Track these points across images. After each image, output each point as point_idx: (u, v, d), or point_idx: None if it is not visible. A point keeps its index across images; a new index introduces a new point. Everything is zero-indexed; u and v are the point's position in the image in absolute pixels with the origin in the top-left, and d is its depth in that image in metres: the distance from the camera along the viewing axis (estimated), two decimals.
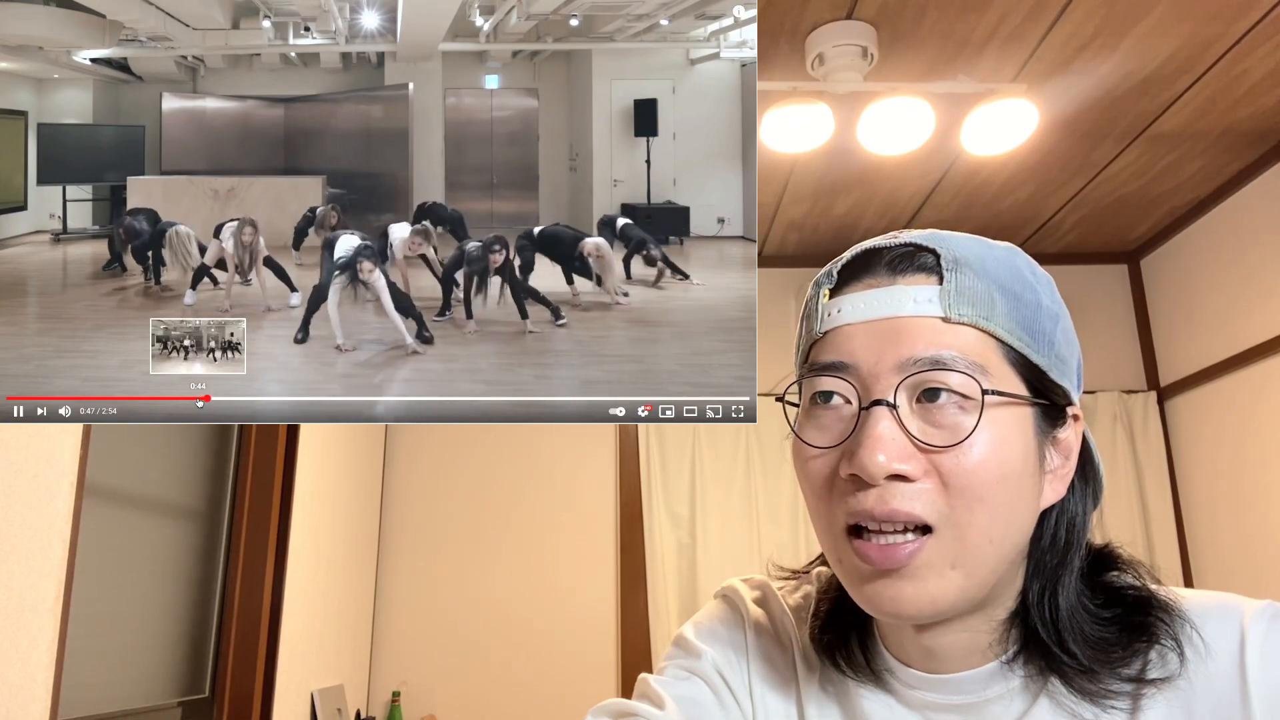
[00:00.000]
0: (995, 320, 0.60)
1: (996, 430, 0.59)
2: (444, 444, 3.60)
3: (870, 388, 0.60)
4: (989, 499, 0.58)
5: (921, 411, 0.59)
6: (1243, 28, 2.35)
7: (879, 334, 0.61)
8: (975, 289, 0.61)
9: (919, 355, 0.59)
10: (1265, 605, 0.61)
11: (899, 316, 0.61)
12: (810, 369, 0.64)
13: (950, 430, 0.58)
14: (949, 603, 0.59)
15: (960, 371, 0.58)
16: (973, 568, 0.59)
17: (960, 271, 0.61)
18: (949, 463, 0.58)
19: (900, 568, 0.58)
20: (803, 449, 0.63)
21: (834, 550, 0.62)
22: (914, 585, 0.58)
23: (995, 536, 0.59)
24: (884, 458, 0.57)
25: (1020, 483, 0.60)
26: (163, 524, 2.19)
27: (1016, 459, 0.59)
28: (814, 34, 2.36)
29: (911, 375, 0.59)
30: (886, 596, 0.59)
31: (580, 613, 3.44)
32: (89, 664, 1.83)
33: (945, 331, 0.60)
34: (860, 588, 0.60)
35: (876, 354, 0.60)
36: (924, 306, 0.60)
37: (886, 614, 0.60)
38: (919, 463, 0.58)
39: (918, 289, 0.61)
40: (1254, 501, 3.07)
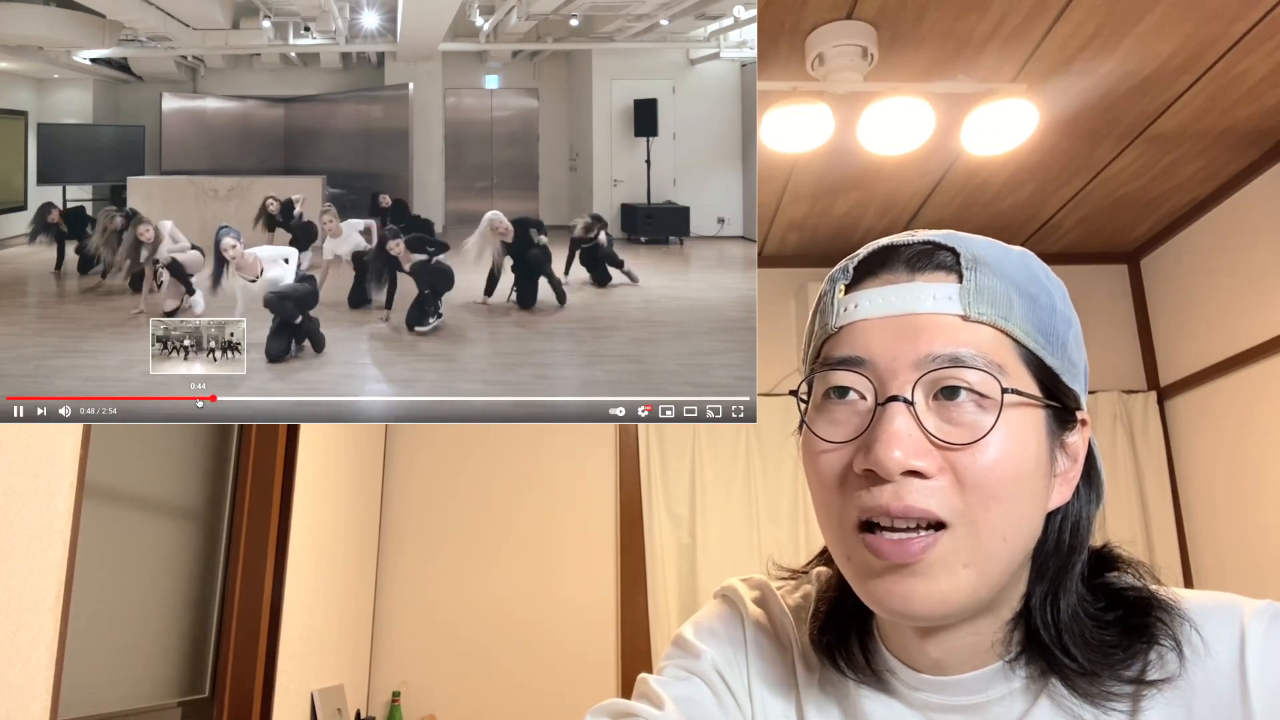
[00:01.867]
0: (1013, 320, 0.60)
1: (1012, 430, 0.58)
2: (444, 444, 3.60)
3: (887, 383, 0.59)
4: (1003, 497, 0.58)
5: (938, 409, 0.59)
6: (1243, 28, 2.35)
7: (897, 330, 0.60)
8: (994, 288, 0.61)
9: (938, 352, 0.59)
10: (1265, 605, 0.61)
11: (917, 313, 0.60)
12: (824, 364, 0.63)
13: (968, 428, 0.58)
14: (960, 602, 0.58)
15: (980, 369, 0.58)
16: (985, 566, 0.58)
17: (980, 270, 0.61)
18: (965, 460, 0.57)
19: (913, 563, 0.57)
20: (814, 443, 0.62)
21: (843, 546, 0.61)
22: (925, 583, 0.58)
23: (1008, 535, 0.58)
24: (900, 454, 0.57)
25: (1033, 483, 0.59)
26: (163, 524, 2.19)
27: (1030, 460, 0.59)
28: (814, 34, 2.36)
29: (930, 372, 0.59)
30: (897, 594, 0.58)
31: (580, 613, 3.44)
32: (89, 664, 1.82)
33: (964, 329, 0.60)
34: (870, 584, 0.60)
35: (894, 350, 0.60)
36: (943, 304, 0.60)
37: (896, 612, 0.59)
38: (934, 459, 0.58)
39: (937, 286, 0.61)
40: (1254, 501, 3.07)
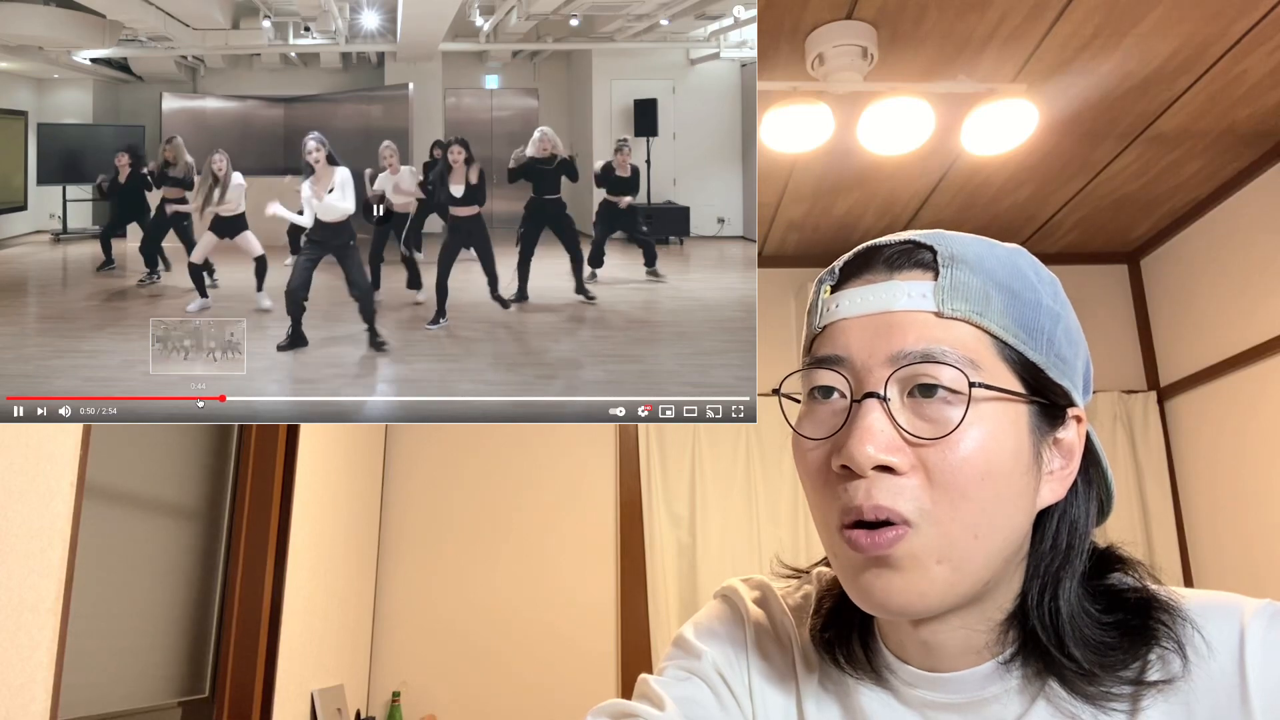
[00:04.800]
0: (989, 316, 0.61)
1: (986, 426, 0.59)
2: (444, 444, 3.60)
3: (863, 381, 0.60)
4: (972, 495, 0.58)
5: (913, 405, 0.59)
6: (1243, 28, 2.35)
7: (873, 328, 0.61)
8: (970, 285, 0.61)
9: (909, 349, 0.59)
10: (1265, 604, 0.61)
11: (892, 311, 0.61)
12: (808, 363, 0.65)
13: (939, 424, 0.58)
14: (937, 597, 0.59)
15: (950, 365, 0.59)
16: (959, 562, 0.59)
17: (956, 267, 0.62)
18: (935, 457, 0.58)
19: (887, 557, 0.58)
20: (800, 441, 0.63)
21: (831, 544, 0.63)
22: (902, 578, 0.58)
23: (981, 532, 0.59)
24: (872, 449, 0.57)
25: (1010, 480, 0.59)
26: (163, 524, 2.19)
27: (1007, 456, 0.59)
28: (814, 34, 2.36)
29: (902, 368, 0.59)
30: (878, 588, 0.59)
31: (580, 613, 3.44)
32: (89, 664, 1.82)
33: (937, 326, 0.60)
34: (854, 580, 0.61)
35: (869, 348, 0.61)
36: (917, 301, 0.61)
37: (879, 607, 0.60)
38: (906, 456, 0.58)
39: (912, 284, 0.62)
40: (1254, 501, 3.07)
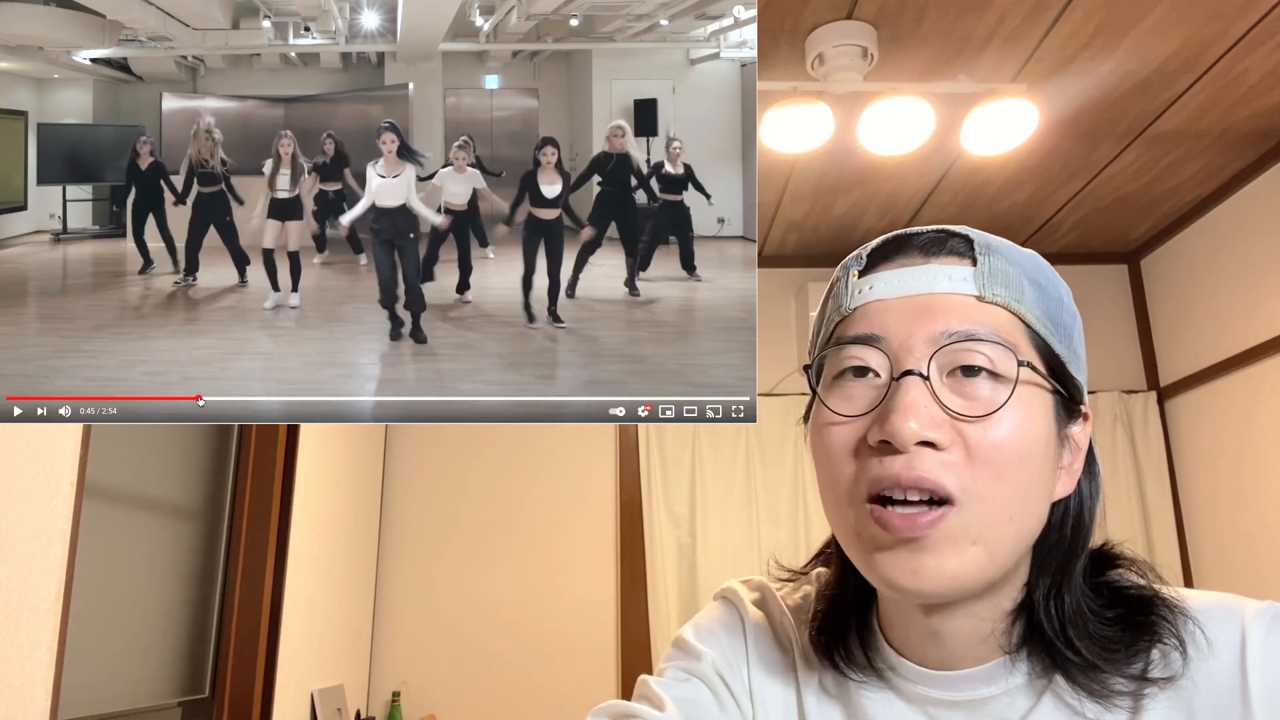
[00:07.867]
0: (1025, 305, 0.62)
1: (1024, 409, 0.59)
2: (444, 444, 3.60)
3: (902, 359, 0.60)
4: (1011, 475, 0.58)
5: (953, 384, 0.60)
6: (1243, 28, 2.35)
7: (913, 309, 0.62)
8: (1007, 273, 0.62)
9: (954, 329, 0.60)
10: (1266, 606, 0.61)
11: (933, 293, 0.62)
12: (839, 342, 0.64)
13: (982, 402, 0.59)
14: (969, 579, 0.59)
15: (999, 343, 0.59)
16: (993, 545, 0.59)
17: (993, 255, 0.63)
18: (977, 434, 0.58)
19: (920, 537, 0.58)
20: (825, 416, 0.63)
21: (852, 522, 0.61)
22: (935, 559, 0.58)
23: (1014, 514, 0.59)
24: (915, 424, 0.57)
25: (1040, 466, 0.60)
26: (163, 524, 2.18)
27: (1040, 441, 0.60)
28: (814, 34, 2.36)
29: (944, 347, 0.60)
30: (908, 569, 0.58)
31: (580, 613, 3.44)
32: (89, 664, 1.82)
33: (978, 309, 0.61)
34: (878, 559, 0.60)
35: (909, 328, 0.61)
36: (958, 284, 0.62)
37: (905, 588, 0.59)
38: (948, 432, 0.58)
39: (952, 268, 0.62)
40: (1254, 501, 3.07)
